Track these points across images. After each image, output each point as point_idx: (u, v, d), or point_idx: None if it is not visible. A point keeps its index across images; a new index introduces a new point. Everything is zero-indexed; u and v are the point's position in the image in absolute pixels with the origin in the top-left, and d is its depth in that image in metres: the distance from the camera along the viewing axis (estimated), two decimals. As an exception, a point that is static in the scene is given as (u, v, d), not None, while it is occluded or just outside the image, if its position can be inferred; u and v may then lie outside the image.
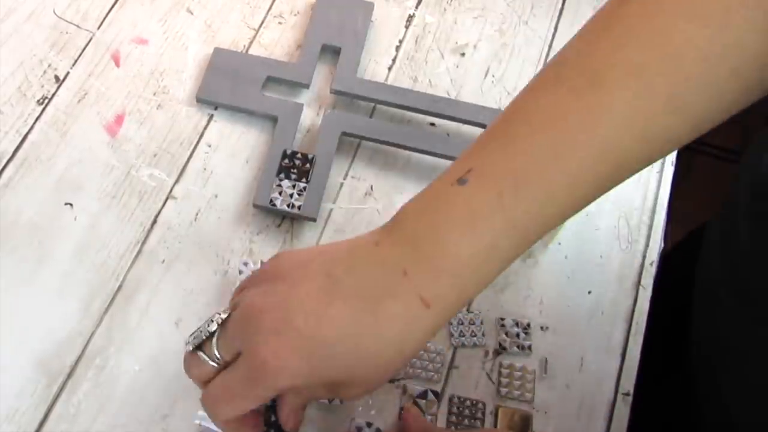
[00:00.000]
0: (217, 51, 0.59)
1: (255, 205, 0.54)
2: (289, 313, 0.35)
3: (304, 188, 0.53)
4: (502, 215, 0.35)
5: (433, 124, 0.58)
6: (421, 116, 0.58)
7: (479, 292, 0.37)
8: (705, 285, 0.53)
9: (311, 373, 0.35)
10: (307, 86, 0.59)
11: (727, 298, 0.49)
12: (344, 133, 0.56)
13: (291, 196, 0.53)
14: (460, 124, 0.58)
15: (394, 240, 0.36)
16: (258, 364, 0.35)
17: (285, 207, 0.53)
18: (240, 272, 0.52)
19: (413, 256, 0.35)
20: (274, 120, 0.57)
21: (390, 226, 0.37)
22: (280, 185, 0.54)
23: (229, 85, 0.58)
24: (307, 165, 0.54)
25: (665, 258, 0.57)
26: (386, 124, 0.57)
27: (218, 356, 0.37)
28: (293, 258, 0.38)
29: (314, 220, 0.54)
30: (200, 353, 0.38)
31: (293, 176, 0.54)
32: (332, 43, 0.59)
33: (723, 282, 0.50)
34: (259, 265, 0.53)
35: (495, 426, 0.49)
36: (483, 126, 0.56)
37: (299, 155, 0.54)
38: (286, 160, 0.54)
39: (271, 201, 0.53)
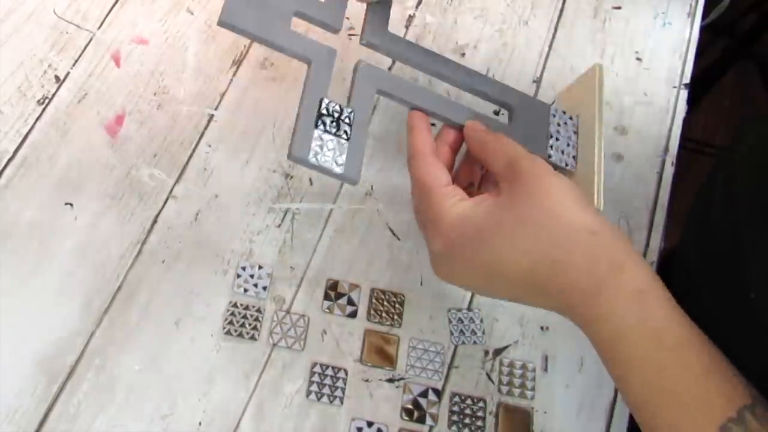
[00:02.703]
0: None
1: (291, 157, 0.44)
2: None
3: (344, 146, 0.45)
4: None
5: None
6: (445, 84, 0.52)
7: None
8: (683, 275, 0.54)
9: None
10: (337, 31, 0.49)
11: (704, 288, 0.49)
12: (380, 91, 0.48)
13: (333, 152, 0.45)
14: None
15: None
16: None
17: (327, 163, 0.44)
18: (238, 275, 0.52)
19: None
20: (307, 63, 0.47)
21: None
22: (321, 138, 0.45)
23: (255, 14, 0.46)
24: (347, 120, 0.46)
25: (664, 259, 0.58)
26: (417, 86, 0.49)
27: None
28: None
29: (355, 183, 0.46)
30: None
31: (332, 131, 0.45)
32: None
33: (699, 271, 0.50)
34: (257, 269, 0.53)
35: (496, 426, 0.49)
36: (509, 107, 0.51)
37: (337, 107, 0.46)
38: (324, 111, 0.45)
39: (312, 153, 0.44)
